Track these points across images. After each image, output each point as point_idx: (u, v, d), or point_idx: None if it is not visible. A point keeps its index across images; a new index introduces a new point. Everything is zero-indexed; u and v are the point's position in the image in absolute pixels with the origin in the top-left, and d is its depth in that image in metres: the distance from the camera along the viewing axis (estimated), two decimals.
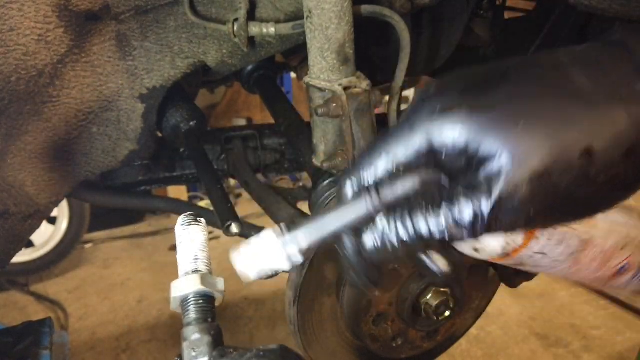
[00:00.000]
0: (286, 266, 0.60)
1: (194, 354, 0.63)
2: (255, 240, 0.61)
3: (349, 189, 0.58)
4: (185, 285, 0.68)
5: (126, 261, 4.21)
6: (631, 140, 0.48)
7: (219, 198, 1.16)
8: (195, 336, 0.65)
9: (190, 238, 0.69)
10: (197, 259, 0.69)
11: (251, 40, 1.16)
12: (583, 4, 1.21)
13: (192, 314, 0.67)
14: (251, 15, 1.14)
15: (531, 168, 0.47)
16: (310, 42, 1.02)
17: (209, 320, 0.67)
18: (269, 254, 0.60)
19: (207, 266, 0.71)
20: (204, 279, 0.68)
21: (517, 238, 0.72)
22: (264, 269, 0.62)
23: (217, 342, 0.65)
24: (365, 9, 1.08)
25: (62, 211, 3.89)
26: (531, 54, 0.81)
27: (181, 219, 0.72)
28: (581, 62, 0.53)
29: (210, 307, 0.68)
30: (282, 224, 0.61)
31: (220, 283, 0.70)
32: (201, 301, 0.67)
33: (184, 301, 0.67)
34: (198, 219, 0.71)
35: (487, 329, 3.28)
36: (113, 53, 1.10)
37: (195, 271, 0.69)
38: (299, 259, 0.60)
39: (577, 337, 3.21)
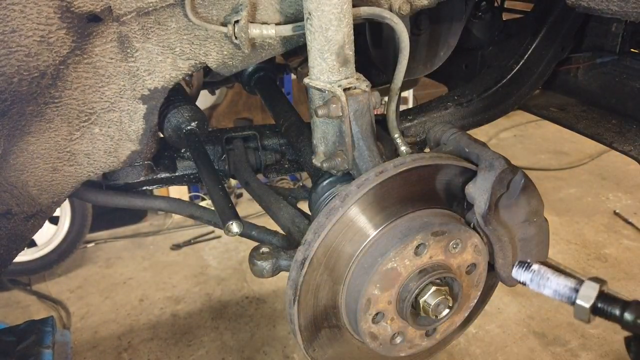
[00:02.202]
0: None
1: None
2: None
3: None
4: None
5: (128, 260, 4.22)
6: None
7: (220, 198, 1.17)
8: None
9: None
10: None
11: (252, 41, 1.17)
12: (581, 5, 1.22)
13: None
14: (252, 17, 1.15)
15: None
16: (310, 44, 1.03)
17: None
18: None
19: None
20: None
21: None
22: None
23: None
24: (365, 10, 1.09)
25: (64, 211, 3.90)
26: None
27: None
28: None
29: None
30: None
31: None
32: None
33: None
34: None
35: (486, 327, 3.29)
36: (115, 54, 1.11)
37: None
38: None
39: (575, 336, 3.22)
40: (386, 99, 1.24)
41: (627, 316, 0.61)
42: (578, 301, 0.65)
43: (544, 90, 2.07)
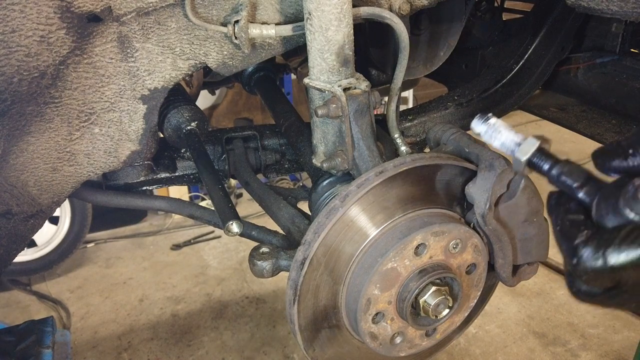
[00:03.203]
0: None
1: None
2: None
3: None
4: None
5: (128, 260, 4.23)
6: None
7: (220, 198, 1.17)
8: None
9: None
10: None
11: (252, 41, 1.17)
12: (581, 5, 1.22)
13: None
14: (252, 17, 1.15)
15: None
16: (310, 44, 1.03)
17: None
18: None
19: None
20: None
21: None
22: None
23: None
24: (365, 10, 1.09)
25: (64, 211, 3.90)
26: None
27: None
28: None
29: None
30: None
31: None
32: None
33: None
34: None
35: (486, 328, 3.29)
36: (114, 54, 1.11)
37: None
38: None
39: (574, 336, 3.22)
40: (386, 99, 1.24)
41: (553, 172, 0.67)
42: (516, 154, 0.71)
43: (544, 90, 2.08)
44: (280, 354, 3.15)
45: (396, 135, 1.23)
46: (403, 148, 1.22)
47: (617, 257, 0.54)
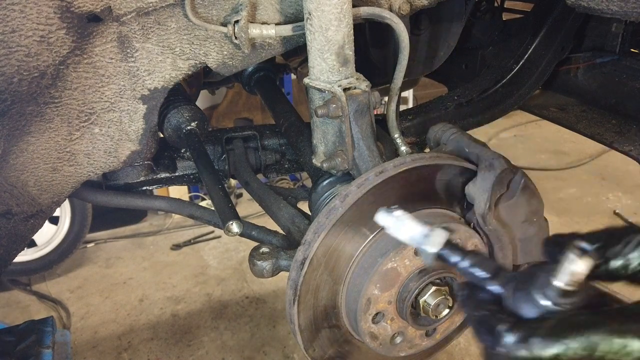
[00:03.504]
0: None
1: None
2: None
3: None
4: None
5: (128, 260, 4.22)
6: None
7: (220, 198, 1.17)
8: None
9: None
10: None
11: (252, 41, 1.17)
12: (581, 5, 1.22)
13: None
14: (252, 17, 1.15)
15: None
16: (310, 44, 1.03)
17: None
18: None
19: None
20: None
21: None
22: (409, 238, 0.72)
23: None
24: (365, 10, 1.09)
25: (64, 211, 3.90)
26: None
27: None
28: None
29: None
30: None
31: None
32: None
33: None
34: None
35: None
36: (114, 54, 1.11)
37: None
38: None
39: None
40: (386, 99, 1.24)
41: (463, 264, 0.68)
42: (424, 246, 0.71)
43: (544, 90, 2.08)
44: (280, 354, 3.15)
45: (396, 135, 1.23)
46: (403, 148, 1.22)
47: (543, 349, 0.55)
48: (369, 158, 1.09)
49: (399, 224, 0.73)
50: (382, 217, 0.74)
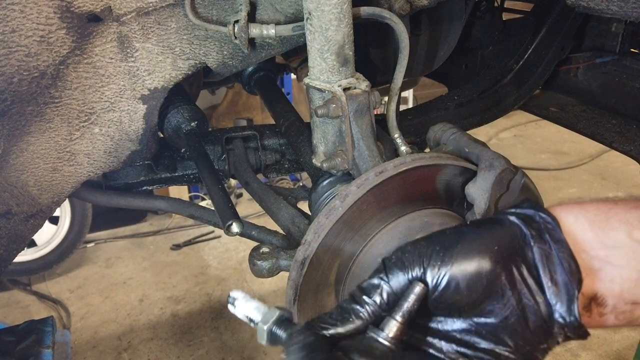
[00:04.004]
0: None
1: None
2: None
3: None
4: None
5: (128, 260, 4.23)
6: None
7: (220, 198, 1.17)
8: None
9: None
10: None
11: (251, 41, 1.17)
12: (581, 5, 1.22)
13: None
14: (251, 17, 1.15)
15: None
16: (310, 44, 1.03)
17: None
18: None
19: None
20: None
21: None
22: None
23: None
24: (365, 10, 1.09)
25: (64, 211, 3.90)
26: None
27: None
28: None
29: None
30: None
31: None
32: None
33: None
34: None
35: None
36: (114, 54, 1.11)
37: None
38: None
39: None
40: (386, 99, 1.24)
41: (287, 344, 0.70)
42: (259, 324, 0.72)
43: (544, 90, 2.08)
44: (280, 354, 3.15)
45: (396, 135, 1.23)
46: (403, 148, 1.22)
47: None
48: (369, 158, 1.09)
49: (244, 303, 0.75)
50: (233, 306, 0.75)
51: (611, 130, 1.76)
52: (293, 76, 3.69)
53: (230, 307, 0.74)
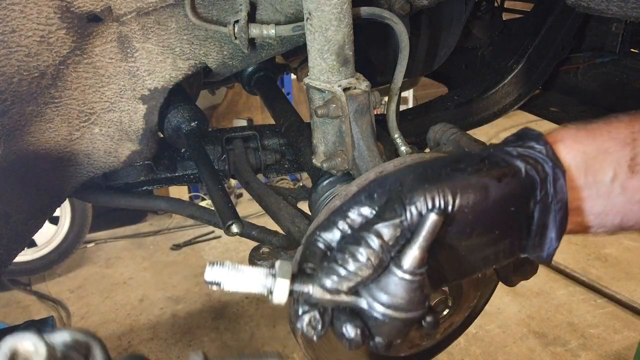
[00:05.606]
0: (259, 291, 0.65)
1: None
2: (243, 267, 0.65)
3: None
4: None
5: (128, 260, 4.23)
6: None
7: (220, 198, 1.17)
8: None
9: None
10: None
11: (252, 41, 1.17)
12: (581, 5, 1.22)
13: None
14: (251, 17, 1.15)
15: None
16: (310, 44, 1.03)
17: None
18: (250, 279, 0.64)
19: None
20: None
21: None
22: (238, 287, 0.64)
23: None
24: (365, 10, 1.09)
25: (64, 211, 3.90)
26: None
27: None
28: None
29: None
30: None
31: None
32: None
33: None
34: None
35: (486, 327, 3.29)
36: (114, 54, 1.11)
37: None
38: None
39: (575, 336, 3.22)
40: (386, 99, 1.24)
41: (316, 293, 0.64)
42: (278, 280, 0.63)
43: (544, 90, 2.07)
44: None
45: (396, 135, 1.23)
46: (403, 148, 1.22)
47: None
48: (369, 158, 1.09)
49: (235, 275, 0.64)
50: (213, 274, 0.64)
51: None
52: (293, 76, 3.69)
53: (214, 287, 0.64)
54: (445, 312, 1.03)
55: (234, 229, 1.10)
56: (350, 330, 0.63)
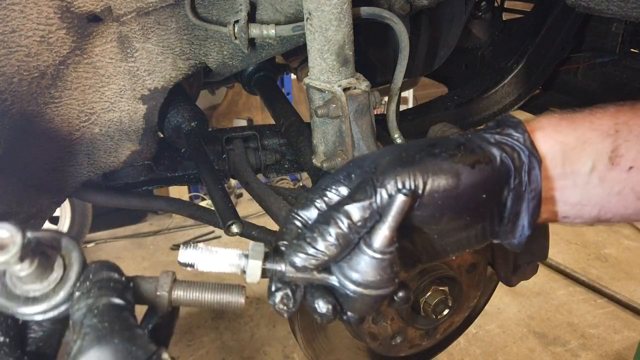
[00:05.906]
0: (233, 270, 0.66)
1: None
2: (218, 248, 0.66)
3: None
4: None
5: (128, 260, 4.22)
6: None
7: (220, 198, 1.17)
8: None
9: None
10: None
11: (251, 41, 1.17)
12: (581, 5, 1.22)
13: None
14: (251, 17, 1.15)
15: None
16: (310, 44, 1.03)
17: None
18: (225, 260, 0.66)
19: None
20: None
21: None
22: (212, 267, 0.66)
23: None
24: (365, 10, 1.09)
25: (64, 211, 3.90)
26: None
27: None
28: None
29: None
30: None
31: None
32: None
33: None
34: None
35: (486, 327, 3.29)
36: (115, 54, 1.11)
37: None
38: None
39: (575, 336, 3.22)
40: (386, 99, 1.24)
41: (289, 272, 0.66)
42: (250, 261, 0.65)
43: (544, 90, 2.07)
44: (280, 354, 3.15)
45: (396, 135, 1.23)
46: None
47: None
48: None
49: (209, 256, 0.66)
50: (187, 255, 0.66)
51: None
52: (293, 76, 3.69)
53: (188, 268, 0.66)
54: (445, 312, 1.03)
55: (234, 229, 1.10)
56: (322, 306, 0.64)
